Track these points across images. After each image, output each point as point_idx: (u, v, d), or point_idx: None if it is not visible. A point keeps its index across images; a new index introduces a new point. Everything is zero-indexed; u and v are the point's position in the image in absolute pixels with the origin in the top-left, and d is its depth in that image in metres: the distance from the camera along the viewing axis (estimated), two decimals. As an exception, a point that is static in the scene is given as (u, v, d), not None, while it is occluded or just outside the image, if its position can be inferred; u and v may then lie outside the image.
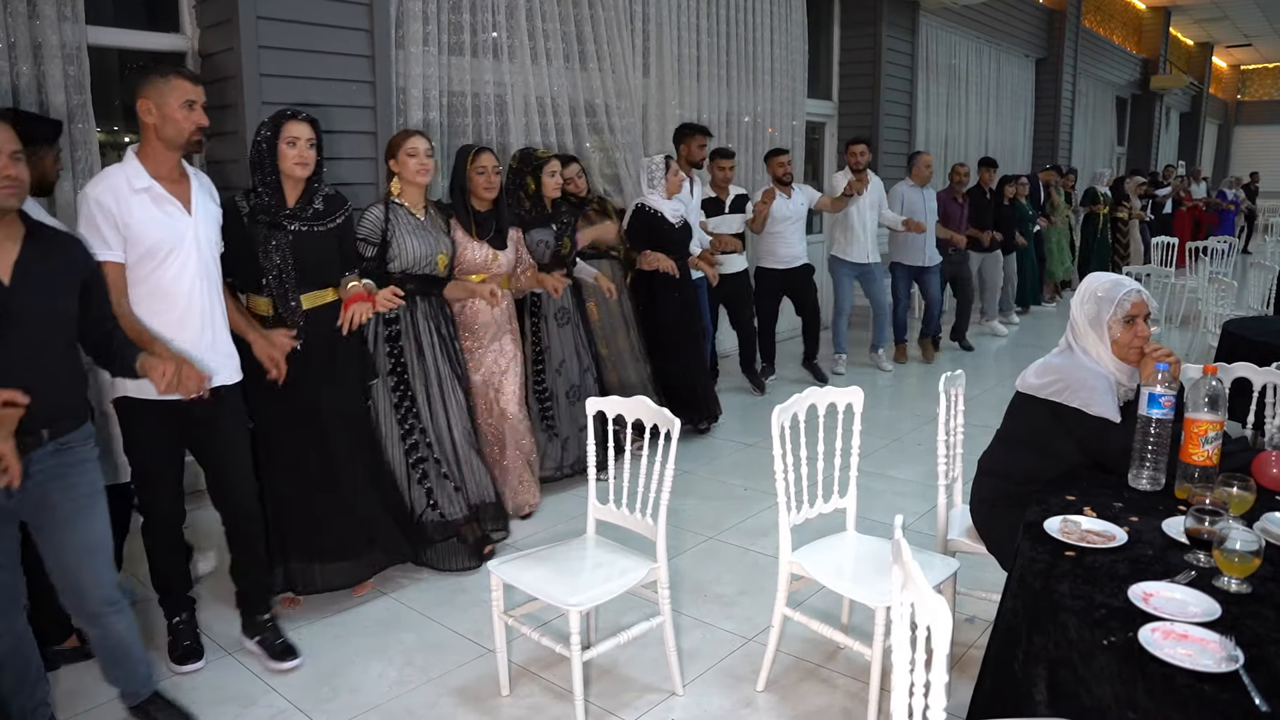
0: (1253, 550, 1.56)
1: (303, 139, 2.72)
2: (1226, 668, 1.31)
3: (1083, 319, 2.26)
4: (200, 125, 2.45)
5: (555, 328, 4.04)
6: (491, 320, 3.61)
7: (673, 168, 4.71)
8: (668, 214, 4.69)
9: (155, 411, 2.45)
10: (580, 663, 2.27)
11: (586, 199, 4.46)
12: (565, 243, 3.98)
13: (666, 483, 2.40)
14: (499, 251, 3.58)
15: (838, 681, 2.57)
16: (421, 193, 3.29)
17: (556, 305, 4.03)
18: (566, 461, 4.08)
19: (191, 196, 2.50)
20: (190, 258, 2.46)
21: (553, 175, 3.93)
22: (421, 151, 3.23)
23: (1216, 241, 8.74)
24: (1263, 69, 21.27)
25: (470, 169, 3.49)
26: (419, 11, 4.46)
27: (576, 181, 4.36)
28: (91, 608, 2.18)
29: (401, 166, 3.24)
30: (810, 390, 2.50)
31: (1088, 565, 1.69)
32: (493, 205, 3.58)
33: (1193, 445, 1.97)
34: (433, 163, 3.25)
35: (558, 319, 4.06)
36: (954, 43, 9.43)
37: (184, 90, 2.41)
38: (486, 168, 3.50)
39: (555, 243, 3.94)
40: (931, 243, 6.62)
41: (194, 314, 2.49)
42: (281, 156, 2.72)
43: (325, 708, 2.46)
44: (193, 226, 2.47)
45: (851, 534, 2.62)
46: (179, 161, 2.50)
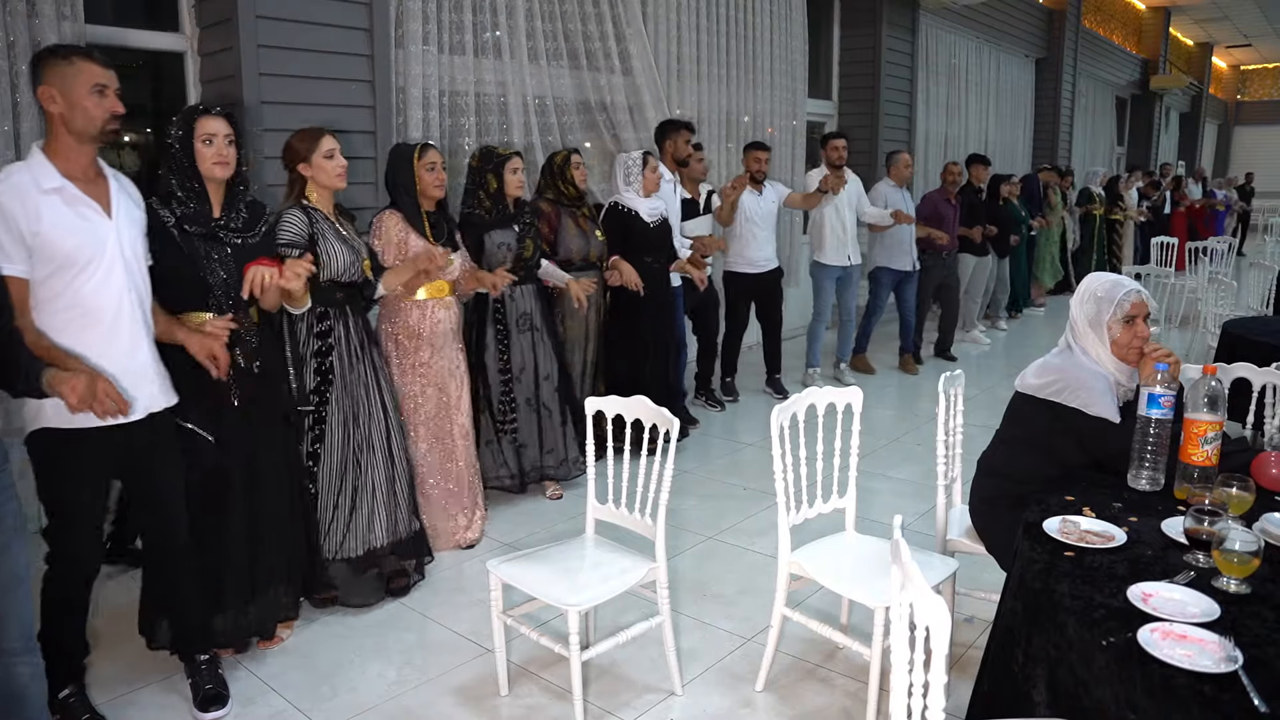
0: (1252, 551, 1.56)
1: (219, 135, 2.46)
2: (1226, 668, 1.31)
3: (1082, 319, 2.26)
4: (115, 113, 2.19)
5: (515, 334, 3.79)
6: (449, 328, 3.42)
7: (651, 164, 4.45)
8: (644, 213, 4.43)
9: (85, 443, 2.17)
10: (579, 662, 2.27)
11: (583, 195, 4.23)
12: (528, 245, 3.76)
13: (665, 482, 2.40)
14: (453, 255, 3.40)
15: (837, 681, 2.57)
16: (331, 198, 3.02)
17: (518, 310, 3.79)
18: (525, 469, 3.89)
19: (111, 198, 2.24)
20: (114, 267, 2.20)
21: (515, 173, 3.69)
22: (338, 152, 2.97)
23: (1216, 242, 8.75)
24: (1262, 69, 21.28)
25: (418, 166, 3.30)
26: (418, 11, 4.46)
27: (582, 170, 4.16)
28: (6, 644, 1.90)
29: (317, 170, 2.92)
30: (810, 390, 2.50)
31: (1087, 565, 1.69)
32: (437, 206, 3.42)
33: (1192, 445, 1.97)
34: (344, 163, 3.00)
35: (518, 325, 3.80)
36: (954, 43, 9.43)
37: (92, 74, 2.15)
38: (435, 164, 3.33)
39: (517, 245, 3.72)
40: (914, 249, 6.29)
41: (122, 330, 2.23)
42: (198, 157, 2.45)
43: (324, 707, 2.46)
44: (114, 231, 2.21)
45: (851, 534, 2.62)
46: (94, 158, 2.23)
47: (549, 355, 3.89)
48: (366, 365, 3.04)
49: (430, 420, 3.39)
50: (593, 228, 4.19)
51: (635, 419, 2.50)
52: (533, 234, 3.81)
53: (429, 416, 3.38)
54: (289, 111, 3.90)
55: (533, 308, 3.83)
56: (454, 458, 3.46)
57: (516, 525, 3.71)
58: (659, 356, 4.54)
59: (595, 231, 4.19)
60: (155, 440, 2.34)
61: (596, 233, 4.19)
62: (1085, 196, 9.94)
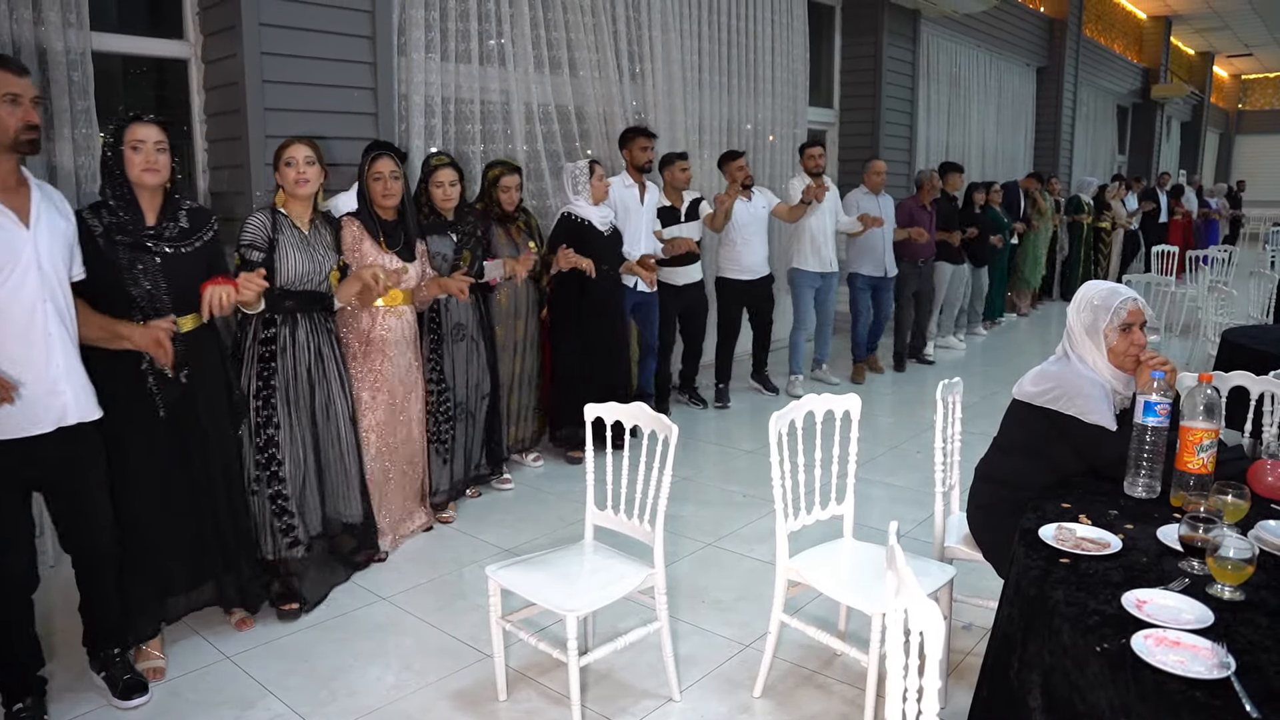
0: (1246, 558, 1.56)
1: (149, 142, 2.43)
2: (1219, 674, 1.32)
3: (1079, 327, 2.27)
4: (29, 123, 2.16)
5: (450, 343, 3.76)
6: (402, 336, 3.42)
7: (598, 172, 4.41)
8: (596, 221, 4.41)
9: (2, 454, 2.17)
10: (577, 668, 2.28)
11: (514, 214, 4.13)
12: (465, 256, 3.71)
13: (664, 488, 2.41)
14: (408, 264, 3.37)
15: (834, 688, 2.57)
16: (306, 206, 3.02)
17: (453, 320, 3.75)
18: (455, 479, 3.89)
19: (31, 208, 2.20)
20: (28, 276, 2.16)
21: (439, 186, 3.66)
22: (300, 160, 2.94)
23: (1217, 250, 8.75)
24: (1263, 78, 21.32)
25: (367, 176, 3.32)
26: (421, 18, 4.49)
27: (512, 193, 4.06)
28: None
29: (281, 176, 2.98)
30: (809, 397, 2.51)
31: (1082, 572, 1.69)
32: (398, 215, 3.40)
33: (1188, 453, 1.98)
34: (315, 171, 2.97)
35: (453, 335, 3.76)
36: (955, 51, 9.45)
37: (4, 83, 2.13)
38: (383, 174, 3.30)
39: (454, 255, 3.68)
40: (890, 254, 6.26)
41: (35, 339, 2.19)
42: (127, 163, 2.43)
43: (323, 711, 2.46)
44: (31, 242, 2.17)
45: (849, 540, 2.63)
46: (15, 167, 2.21)
47: (482, 366, 3.90)
48: (320, 370, 3.05)
49: (380, 426, 3.39)
50: (525, 239, 4.13)
51: (634, 424, 2.51)
52: (472, 244, 3.77)
53: (379, 422, 3.38)
54: (292, 118, 3.93)
55: (468, 318, 3.80)
56: (400, 463, 3.48)
57: (515, 531, 3.72)
58: (608, 361, 4.51)
59: (529, 243, 4.13)
60: (74, 452, 2.30)
61: (530, 244, 4.12)
62: (1075, 205, 9.85)
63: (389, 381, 3.39)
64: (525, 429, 4.45)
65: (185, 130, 4.14)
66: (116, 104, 4.09)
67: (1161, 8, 14.30)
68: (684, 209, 5.15)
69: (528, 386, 4.37)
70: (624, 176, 4.87)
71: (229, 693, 2.54)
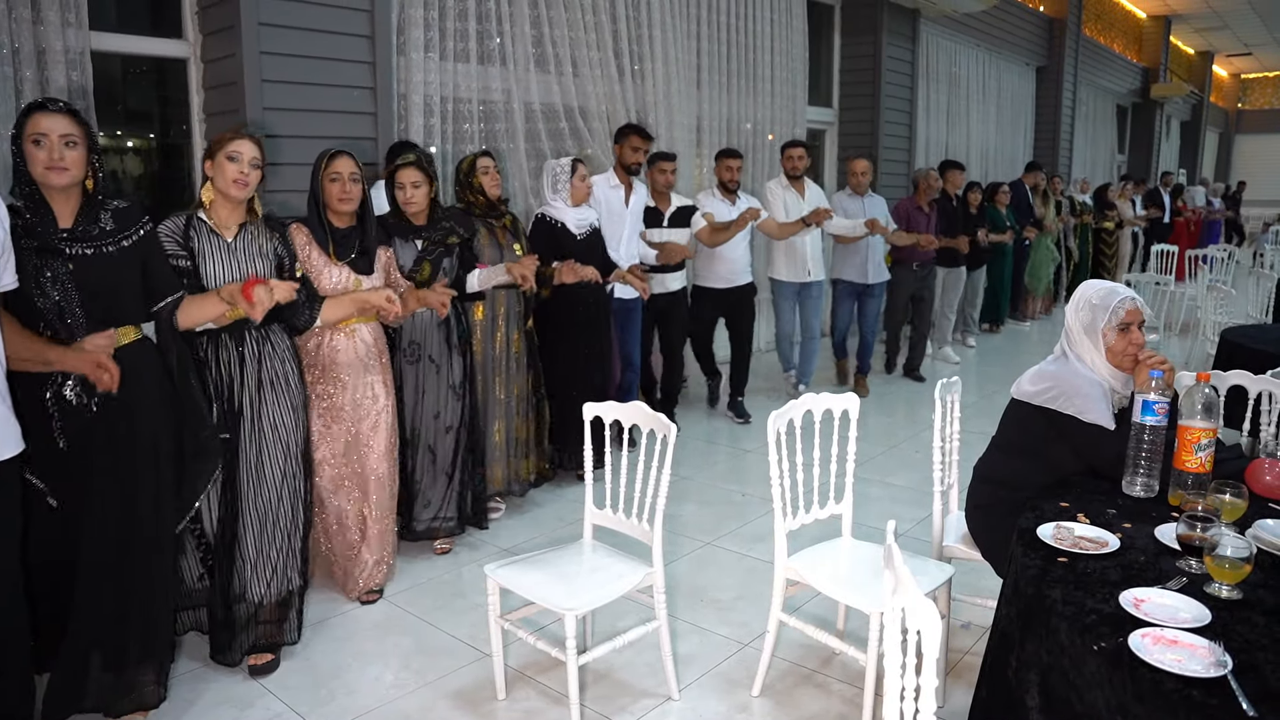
0: (1244, 557, 1.56)
1: (53, 135, 2.09)
2: (1215, 673, 1.32)
3: (1077, 326, 2.27)
4: None
5: (403, 364, 3.29)
6: (355, 358, 2.97)
7: (580, 172, 4.04)
8: (571, 224, 4.04)
9: None
10: (576, 667, 2.28)
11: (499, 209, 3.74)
12: (424, 268, 3.25)
13: (663, 488, 2.41)
14: (363, 277, 2.97)
15: (833, 687, 2.57)
16: (236, 210, 2.60)
17: (407, 338, 3.29)
18: (424, 518, 3.39)
19: None
20: None
21: (400, 189, 3.24)
22: (246, 158, 2.52)
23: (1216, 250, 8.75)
24: (1263, 78, 21.31)
25: (323, 177, 2.89)
26: (420, 18, 4.50)
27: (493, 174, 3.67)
28: None
29: (218, 171, 2.52)
30: (807, 396, 2.51)
31: (1080, 571, 1.69)
32: (356, 220, 3.00)
33: (1186, 452, 1.98)
34: (257, 176, 2.57)
35: (406, 354, 3.29)
36: (955, 51, 9.45)
37: None
38: (341, 174, 2.88)
39: (414, 266, 3.24)
40: (876, 259, 5.89)
41: None
42: (30, 160, 2.10)
43: (322, 710, 2.47)
44: None
45: (847, 540, 2.63)
46: None
47: (444, 393, 3.35)
48: (261, 400, 2.63)
49: (337, 459, 2.99)
50: (511, 240, 3.71)
51: (633, 424, 2.51)
52: (436, 256, 3.30)
53: (334, 455, 2.99)
54: (291, 118, 3.93)
55: (426, 336, 3.31)
56: (362, 501, 3.04)
57: (514, 531, 3.72)
58: (594, 373, 4.17)
59: (514, 245, 3.71)
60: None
61: (515, 246, 3.71)
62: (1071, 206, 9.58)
63: (343, 412, 2.97)
64: (520, 467, 3.86)
65: (185, 130, 4.14)
66: (116, 104, 4.10)
67: (1161, 7, 14.30)
68: (669, 213, 4.82)
69: (520, 414, 3.82)
70: (610, 176, 4.57)
71: (227, 693, 2.54)
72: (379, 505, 3.07)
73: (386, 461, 3.07)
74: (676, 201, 4.88)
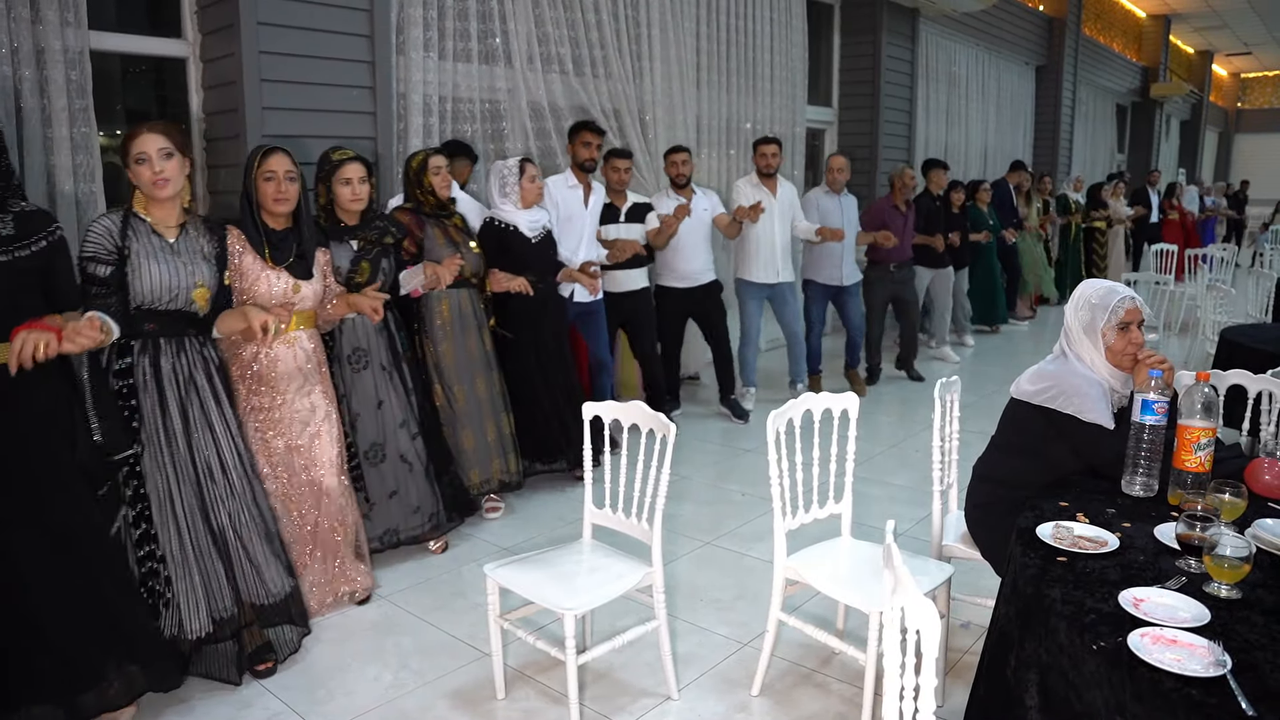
0: (1243, 556, 1.56)
1: None
2: (1214, 673, 1.32)
3: (1077, 325, 2.27)
4: None
5: (349, 373, 3.15)
6: (295, 368, 2.83)
7: (529, 172, 3.88)
8: (523, 227, 3.89)
9: None
10: (575, 667, 2.28)
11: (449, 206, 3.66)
12: (363, 269, 3.12)
13: (662, 487, 2.41)
14: (302, 282, 2.81)
15: (833, 686, 2.57)
16: (172, 208, 2.46)
17: (350, 345, 3.16)
18: (373, 534, 3.25)
19: None
20: None
21: (347, 184, 3.09)
22: (154, 154, 2.34)
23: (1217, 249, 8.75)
24: (1262, 77, 21.31)
25: (256, 176, 2.72)
26: (419, 17, 4.49)
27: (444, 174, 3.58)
28: None
29: (134, 176, 2.38)
30: (806, 396, 2.51)
31: (1079, 571, 1.69)
32: (293, 222, 2.84)
33: (1185, 452, 1.98)
34: (175, 165, 2.39)
35: (351, 362, 3.16)
36: (954, 50, 9.45)
37: None
38: (276, 173, 2.72)
39: (350, 267, 3.10)
40: (850, 259, 5.73)
41: None
42: None
43: (321, 710, 2.47)
44: None
45: (847, 539, 2.63)
46: None
47: (402, 398, 3.26)
48: (198, 409, 2.49)
49: (277, 474, 2.85)
50: (466, 239, 3.65)
51: (632, 423, 2.51)
52: (374, 256, 3.16)
53: (274, 469, 2.84)
54: (290, 117, 3.93)
55: (372, 342, 3.19)
56: (307, 516, 2.90)
57: (514, 530, 3.72)
58: (555, 380, 4.05)
59: (470, 243, 3.65)
60: None
61: (471, 244, 3.65)
62: (1063, 205, 9.55)
63: (282, 424, 2.83)
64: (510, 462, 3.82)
65: (184, 129, 4.14)
66: (115, 103, 4.09)
67: (1161, 6, 14.30)
68: (625, 209, 4.71)
69: (506, 410, 3.79)
70: (567, 176, 4.46)
71: (226, 692, 2.54)
72: (329, 519, 2.93)
73: (334, 474, 2.93)
74: (633, 198, 4.78)
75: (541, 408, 4.01)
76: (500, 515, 3.83)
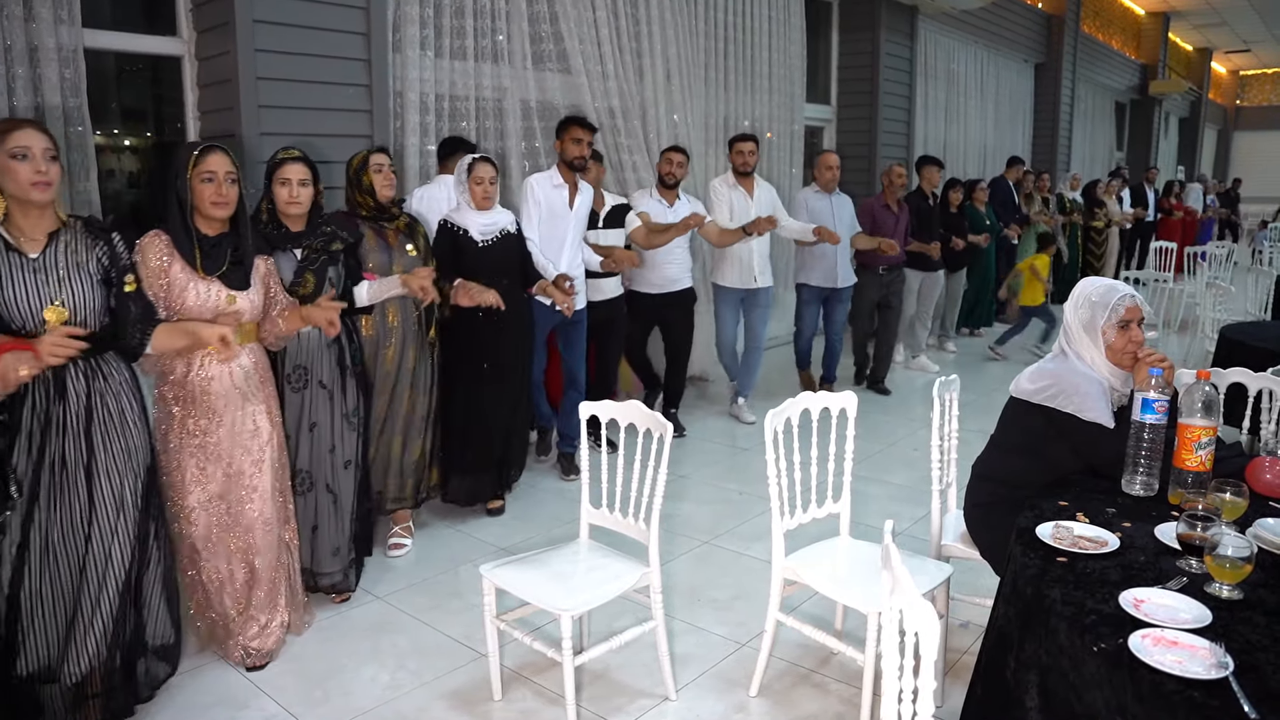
0: (1244, 556, 1.55)
1: None
2: (1216, 674, 1.30)
3: (1076, 324, 2.26)
4: None
5: (288, 392, 2.88)
6: (233, 387, 2.55)
7: (476, 172, 3.57)
8: (473, 231, 3.58)
9: None
10: (572, 668, 2.27)
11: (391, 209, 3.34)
12: (308, 280, 2.85)
13: (659, 487, 2.39)
14: (237, 293, 2.52)
15: (831, 687, 2.56)
16: (41, 215, 2.17)
17: (292, 362, 2.89)
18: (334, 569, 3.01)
19: None
20: None
21: (285, 185, 2.81)
22: (38, 153, 2.12)
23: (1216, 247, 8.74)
24: (1261, 74, 21.30)
25: (192, 176, 2.42)
26: (416, 15, 4.47)
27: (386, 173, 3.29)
28: None
29: (6, 176, 2.11)
30: (804, 394, 2.50)
31: (1080, 571, 1.68)
32: (230, 227, 2.55)
33: (1186, 451, 1.97)
34: (57, 169, 2.16)
35: (291, 381, 2.89)
36: (953, 48, 9.44)
37: None
38: (216, 174, 2.43)
39: (295, 279, 2.83)
40: (845, 261, 5.52)
41: None
42: None
43: (317, 711, 2.45)
44: None
45: (845, 539, 2.62)
46: None
47: (338, 423, 2.95)
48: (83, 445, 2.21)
49: (213, 505, 2.57)
50: (404, 241, 3.32)
51: (629, 423, 2.50)
52: (319, 266, 2.89)
53: (210, 499, 2.56)
54: (287, 115, 3.91)
55: (316, 359, 2.90)
56: (247, 552, 2.64)
57: (510, 530, 3.71)
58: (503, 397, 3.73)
59: (407, 246, 3.32)
60: None
61: (409, 247, 3.32)
62: (1059, 203, 9.37)
63: (219, 449, 2.55)
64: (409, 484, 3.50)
65: (179, 128, 4.12)
66: (110, 102, 4.08)
67: (1160, 4, 14.29)
68: (604, 213, 4.45)
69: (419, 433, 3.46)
70: (552, 174, 4.14)
71: (221, 693, 2.53)
72: (267, 554, 2.66)
73: (274, 503, 2.66)
74: (611, 200, 4.54)
75: (484, 425, 3.68)
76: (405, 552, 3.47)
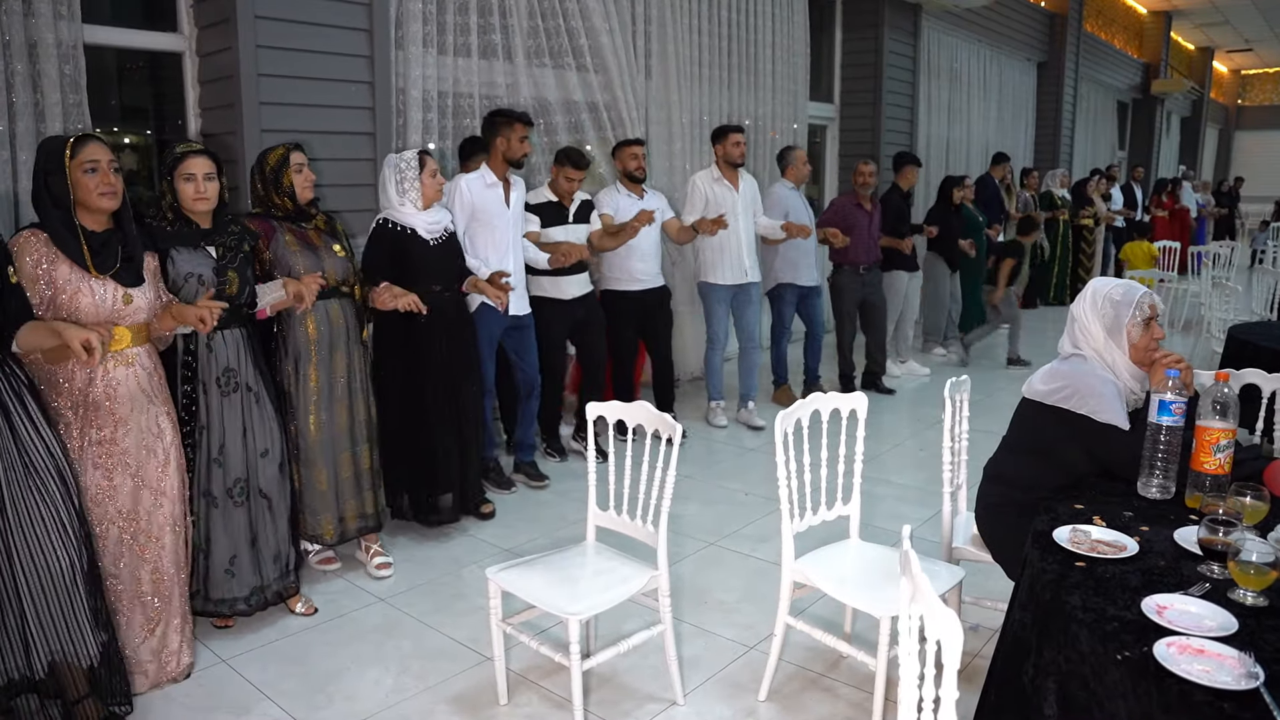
0: (1269, 562, 1.52)
1: None
2: (1246, 685, 1.27)
3: (1098, 325, 2.22)
4: None
5: (217, 397, 2.71)
6: (138, 388, 2.43)
7: (429, 167, 3.36)
8: (421, 230, 3.37)
9: None
10: (579, 672, 2.24)
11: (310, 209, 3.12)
12: (231, 279, 2.70)
13: (668, 489, 2.36)
14: (133, 290, 2.39)
15: (840, 691, 2.53)
16: None
17: (219, 366, 2.71)
18: (238, 594, 2.77)
19: None
20: None
21: (189, 180, 2.64)
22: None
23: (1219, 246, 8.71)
24: (1263, 74, 21.28)
25: (72, 168, 2.27)
26: (419, 11, 4.44)
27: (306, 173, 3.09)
28: None
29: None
30: (814, 395, 2.47)
31: (1099, 576, 1.65)
32: (113, 222, 2.39)
33: (1204, 453, 1.94)
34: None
35: (220, 385, 2.72)
36: (956, 46, 9.41)
37: None
38: (100, 163, 2.28)
39: (215, 277, 2.68)
40: (811, 261, 5.40)
41: None
42: None
43: (320, 715, 2.42)
44: None
45: (855, 541, 2.59)
46: None
47: (268, 424, 2.82)
48: None
49: (124, 514, 2.44)
50: (329, 241, 3.12)
51: (637, 424, 2.47)
52: (240, 263, 2.75)
53: (122, 510, 2.43)
54: (288, 113, 3.88)
55: (241, 360, 2.75)
56: (159, 560, 2.50)
57: (516, 531, 3.68)
58: (452, 405, 3.49)
59: (334, 246, 3.13)
60: None
61: (335, 248, 3.12)
62: (1048, 201, 9.26)
63: (127, 455, 2.42)
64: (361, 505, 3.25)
65: (180, 124, 4.09)
66: (110, 99, 4.04)
67: (1162, 2, 14.26)
68: (573, 208, 4.29)
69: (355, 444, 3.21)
70: (484, 173, 3.88)
71: (224, 697, 2.50)
72: (176, 563, 2.54)
73: (180, 506, 2.57)
74: (579, 196, 4.35)
75: (429, 436, 3.44)
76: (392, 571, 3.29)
